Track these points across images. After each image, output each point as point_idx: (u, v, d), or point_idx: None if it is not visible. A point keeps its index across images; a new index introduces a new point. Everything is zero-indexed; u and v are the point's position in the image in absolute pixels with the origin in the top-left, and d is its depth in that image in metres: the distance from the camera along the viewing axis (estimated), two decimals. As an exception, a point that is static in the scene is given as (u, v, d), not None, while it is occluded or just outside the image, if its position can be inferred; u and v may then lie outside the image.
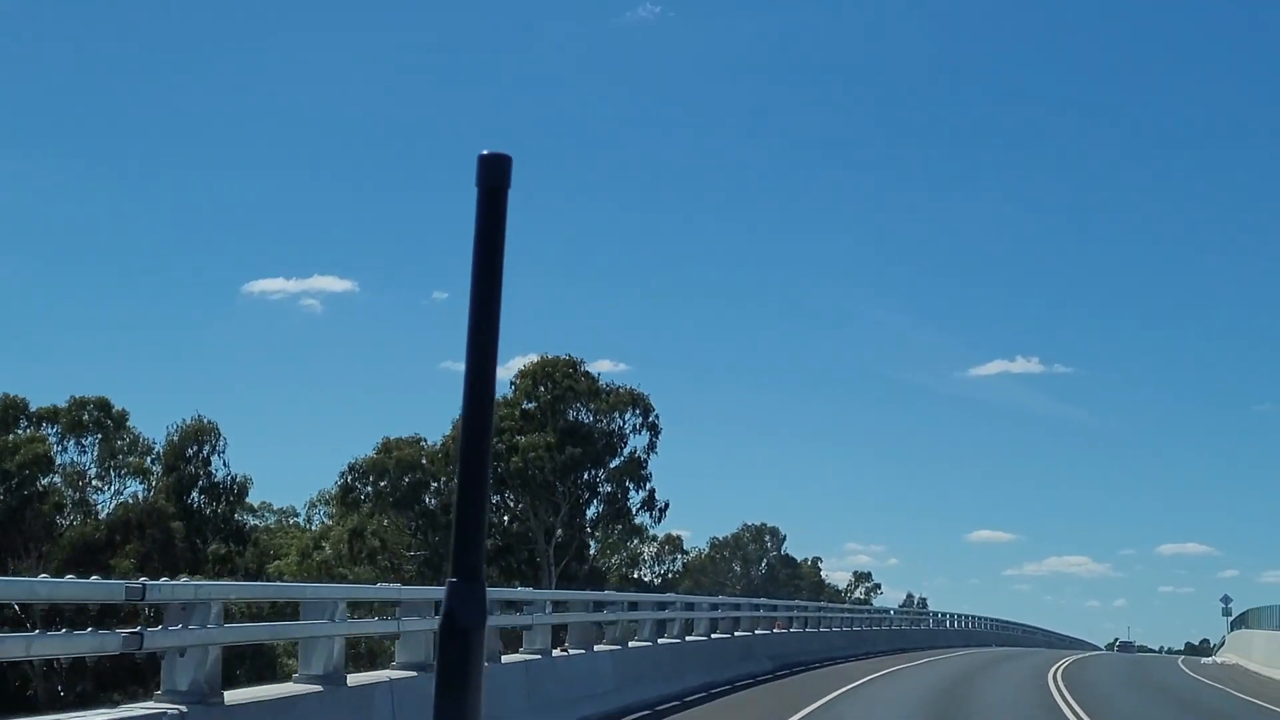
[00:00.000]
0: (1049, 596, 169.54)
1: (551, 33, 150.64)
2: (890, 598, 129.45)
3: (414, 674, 13.48)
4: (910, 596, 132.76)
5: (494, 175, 5.29)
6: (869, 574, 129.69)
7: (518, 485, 59.68)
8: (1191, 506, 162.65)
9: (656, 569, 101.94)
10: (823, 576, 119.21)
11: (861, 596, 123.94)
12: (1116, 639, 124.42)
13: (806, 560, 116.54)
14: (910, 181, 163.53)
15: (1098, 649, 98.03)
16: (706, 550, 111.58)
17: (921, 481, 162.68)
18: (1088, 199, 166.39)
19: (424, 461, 61.86)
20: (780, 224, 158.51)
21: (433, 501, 61.88)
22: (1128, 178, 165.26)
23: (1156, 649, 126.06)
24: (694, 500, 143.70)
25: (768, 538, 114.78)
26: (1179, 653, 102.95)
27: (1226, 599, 73.24)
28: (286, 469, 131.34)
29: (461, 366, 5.14)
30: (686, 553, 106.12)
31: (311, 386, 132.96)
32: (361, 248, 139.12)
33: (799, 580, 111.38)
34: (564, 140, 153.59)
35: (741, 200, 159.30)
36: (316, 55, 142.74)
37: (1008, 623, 67.59)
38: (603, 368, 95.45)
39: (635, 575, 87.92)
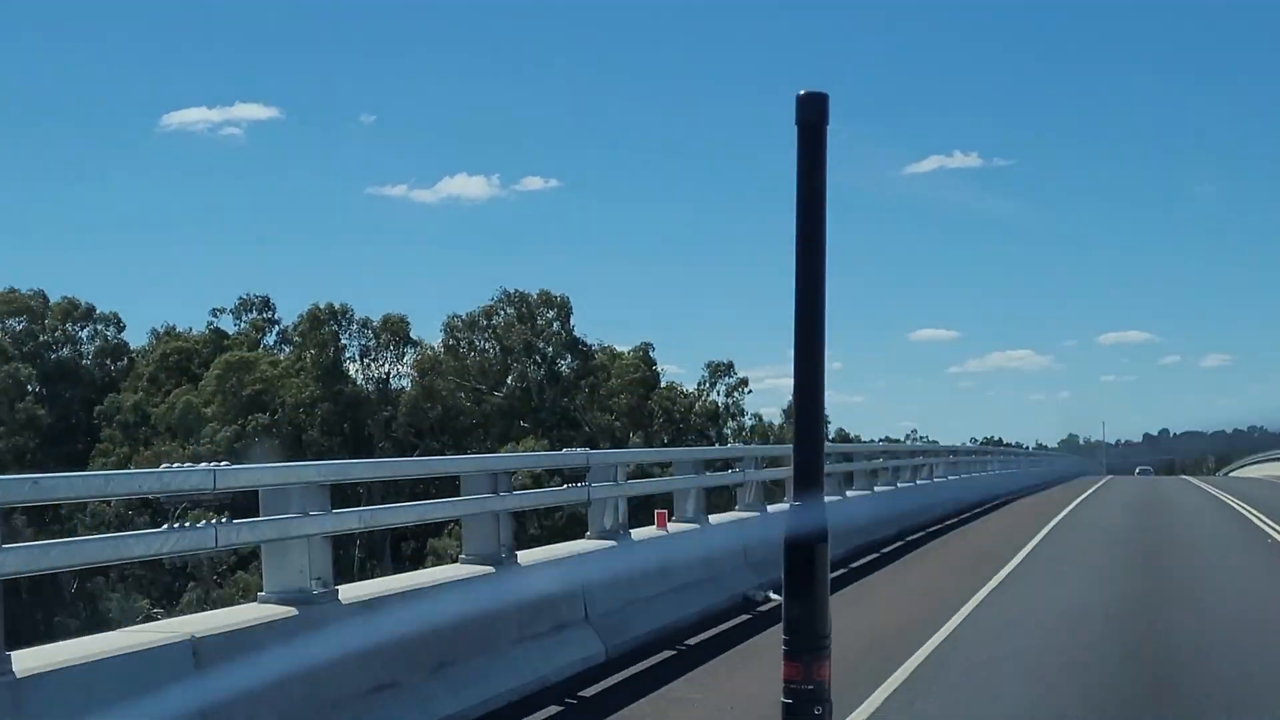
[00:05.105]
0: (992, 392, 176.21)
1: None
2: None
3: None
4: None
5: (812, 113, 5.85)
6: (745, 380, 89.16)
7: None
8: (1133, 294, 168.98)
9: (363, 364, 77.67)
10: (662, 381, 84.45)
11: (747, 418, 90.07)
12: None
13: (629, 351, 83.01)
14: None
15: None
16: (442, 337, 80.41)
17: (862, 283, 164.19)
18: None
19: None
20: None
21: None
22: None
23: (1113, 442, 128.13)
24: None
25: (550, 313, 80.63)
26: None
27: None
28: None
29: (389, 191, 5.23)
30: (415, 343, 79.92)
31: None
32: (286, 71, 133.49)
33: (594, 378, 79.28)
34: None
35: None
36: None
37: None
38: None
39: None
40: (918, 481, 34.87)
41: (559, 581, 12.78)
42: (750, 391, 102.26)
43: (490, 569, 12.11)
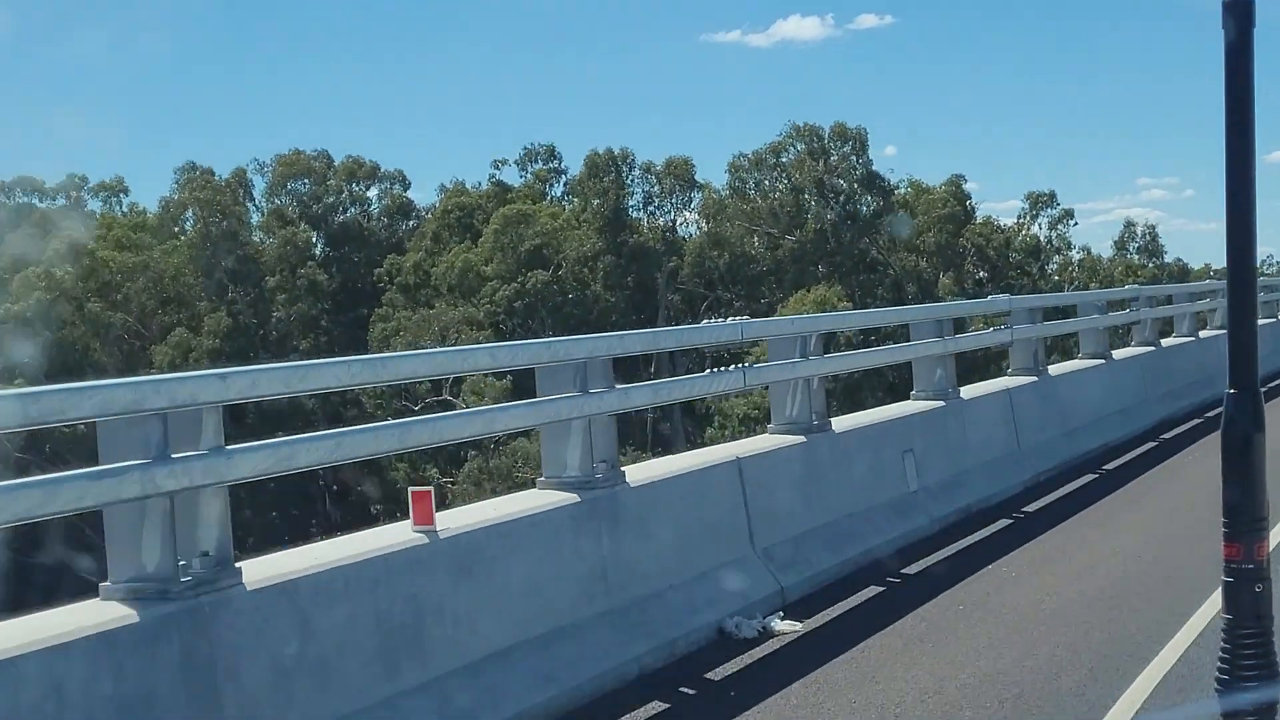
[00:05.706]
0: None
1: None
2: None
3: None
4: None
5: (1239, 19, 6.08)
6: (1069, 212, 79.92)
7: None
8: None
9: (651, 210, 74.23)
10: (976, 216, 75.49)
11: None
12: None
13: (940, 186, 74.51)
14: None
15: None
16: (727, 179, 74.34)
17: (1206, 99, 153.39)
18: None
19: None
20: None
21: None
22: None
23: None
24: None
25: (845, 146, 72.27)
26: None
27: None
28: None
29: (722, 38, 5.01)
30: (698, 185, 74.69)
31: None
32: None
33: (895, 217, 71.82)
34: None
35: None
36: None
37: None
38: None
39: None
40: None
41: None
42: (1075, 224, 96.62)
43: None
